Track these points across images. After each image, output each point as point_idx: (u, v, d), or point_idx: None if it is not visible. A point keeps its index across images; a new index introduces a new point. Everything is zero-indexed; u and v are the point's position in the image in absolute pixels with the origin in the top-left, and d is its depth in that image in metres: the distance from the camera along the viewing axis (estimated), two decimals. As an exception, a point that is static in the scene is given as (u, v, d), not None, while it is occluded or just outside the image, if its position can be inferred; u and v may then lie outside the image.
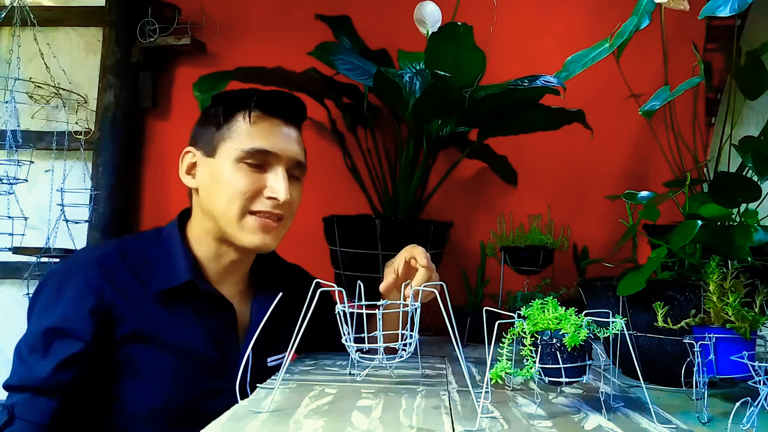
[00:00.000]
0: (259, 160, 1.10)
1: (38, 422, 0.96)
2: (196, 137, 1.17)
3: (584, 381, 0.80)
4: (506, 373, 0.76)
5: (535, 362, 0.79)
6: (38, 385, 0.97)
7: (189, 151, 1.16)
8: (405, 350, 0.96)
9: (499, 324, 0.80)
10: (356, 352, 0.96)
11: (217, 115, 1.13)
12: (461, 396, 0.91)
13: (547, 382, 0.80)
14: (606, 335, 0.80)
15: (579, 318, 0.81)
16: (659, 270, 1.06)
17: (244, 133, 1.11)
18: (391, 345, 0.98)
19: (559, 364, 0.78)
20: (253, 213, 1.11)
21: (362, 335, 0.99)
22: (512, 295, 1.52)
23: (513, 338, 0.80)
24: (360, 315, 0.99)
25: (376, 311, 0.98)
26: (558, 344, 0.78)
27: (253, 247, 1.13)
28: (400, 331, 0.97)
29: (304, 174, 1.20)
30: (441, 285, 0.98)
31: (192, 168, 1.16)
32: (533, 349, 0.80)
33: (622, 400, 0.90)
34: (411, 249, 1.18)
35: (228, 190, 1.09)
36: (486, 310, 0.83)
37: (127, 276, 1.07)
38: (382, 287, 1.18)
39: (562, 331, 0.78)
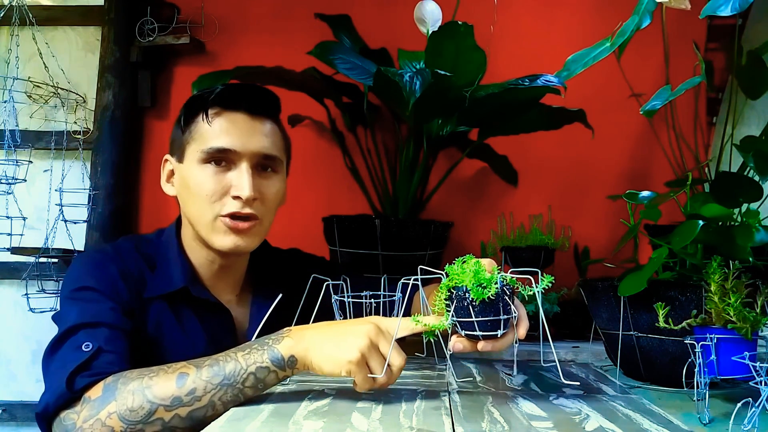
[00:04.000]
0: (220, 160, 1.06)
1: (122, 353, 0.94)
2: (171, 144, 1.15)
3: (499, 335, 0.82)
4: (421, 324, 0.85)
5: (450, 315, 0.82)
6: (112, 322, 0.97)
7: (167, 160, 1.15)
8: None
9: None
10: None
11: (180, 118, 1.11)
12: (461, 397, 0.91)
13: (464, 335, 0.83)
14: (530, 293, 0.82)
15: (494, 275, 0.81)
16: (660, 270, 1.06)
17: (205, 134, 1.07)
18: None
19: (470, 317, 0.80)
20: (223, 216, 1.06)
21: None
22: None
23: (446, 293, 0.83)
24: (356, 305, 1.00)
25: (371, 301, 1.02)
26: (470, 298, 0.80)
27: (226, 250, 1.08)
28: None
29: (282, 167, 1.14)
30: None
31: (171, 176, 1.15)
32: (448, 303, 0.83)
33: (623, 400, 0.89)
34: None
35: (196, 194, 1.06)
36: (420, 268, 0.87)
37: (136, 272, 1.08)
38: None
39: (465, 286, 0.81)
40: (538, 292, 0.82)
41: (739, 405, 0.73)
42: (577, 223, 1.72)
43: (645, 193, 1.06)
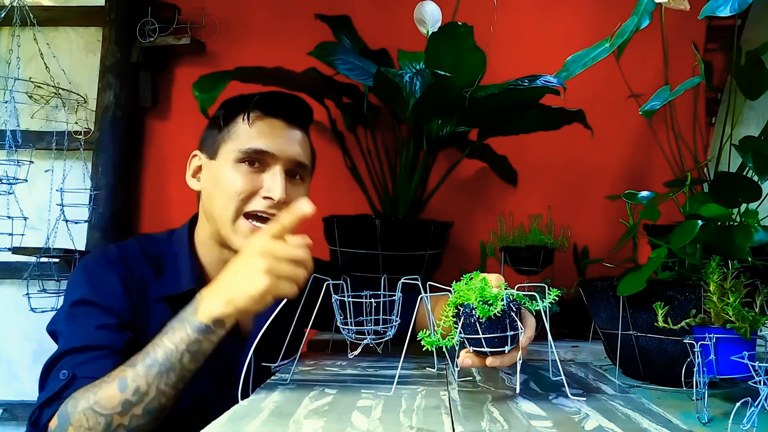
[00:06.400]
0: (256, 160, 1.10)
1: (99, 377, 0.95)
2: (202, 141, 1.18)
3: (507, 351, 0.82)
4: (430, 343, 0.82)
5: (457, 331, 0.82)
6: (101, 343, 0.99)
7: (195, 155, 1.18)
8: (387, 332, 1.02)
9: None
10: (352, 334, 1.01)
11: (219, 117, 1.15)
12: (461, 396, 0.91)
13: (472, 351, 0.83)
14: (536, 308, 0.83)
15: (500, 291, 0.82)
16: (659, 270, 1.06)
17: (243, 134, 1.11)
18: (377, 328, 1.02)
19: (478, 334, 0.80)
20: (248, 215, 1.09)
21: (361, 319, 1.03)
22: (512, 295, 1.52)
23: (453, 310, 0.83)
24: (356, 305, 1.02)
25: (371, 300, 1.03)
26: (477, 315, 0.80)
27: None
28: (384, 317, 1.02)
29: (308, 176, 1.19)
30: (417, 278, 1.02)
31: (198, 171, 1.17)
32: (455, 319, 0.83)
33: (622, 400, 0.90)
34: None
35: (225, 190, 1.09)
36: (429, 284, 0.88)
37: (142, 274, 1.09)
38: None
39: (471, 303, 0.81)
40: (545, 306, 0.82)
41: (738, 404, 0.73)
42: (577, 223, 1.72)
43: (644, 193, 1.06)
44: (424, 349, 0.84)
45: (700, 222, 0.95)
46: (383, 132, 1.79)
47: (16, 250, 1.81)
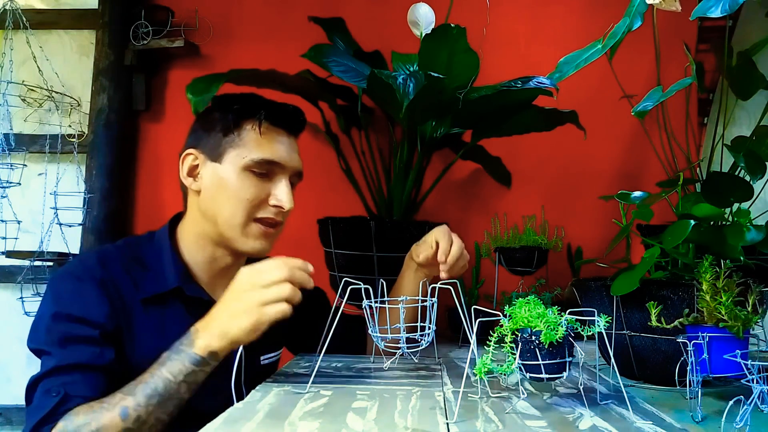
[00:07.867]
0: (265, 170, 1.13)
1: (92, 396, 0.98)
2: (199, 140, 1.17)
3: (564, 377, 0.81)
4: (488, 369, 0.79)
5: (515, 358, 0.81)
6: (88, 360, 1.00)
7: (191, 153, 1.16)
8: (423, 340, 1.04)
9: (488, 323, 0.82)
10: (381, 341, 1.05)
11: (224, 121, 1.15)
12: (456, 396, 0.91)
13: (528, 378, 0.82)
14: (590, 333, 0.83)
15: (558, 316, 0.82)
16: (653, 270, 1.07)
17: (253, 143, 1.13)
18: (411, 335, 1.05)
19: (537, 360, 0.80)
20: (257, 220, 1.13)
21: (385, 327, 1.07)
22: (507, 295, 1.52)
23: (498, 336, 0.83)
24: (380, 310, 1.04)
25: (399, 306, 1.06)
26: (536, 341, 0.80)
27: (252, 253, 1.15)
28: (419, 324, 1.04)
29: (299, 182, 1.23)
30: (455, 282, 1.07)
31: (194, 170, 1.16)
32: (513, 346, 0.82)
33: (616, 399, 0.90)
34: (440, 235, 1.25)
35: (235, 196, 1.12)
36: (474, 308, 0.85)
37: (124, 275, 1.09)
38: (421, 259, 1.27)
39: (537, 329, 0.80)
40: (599, 327, 0.82)
41: (731, 403, 0.73)
42: (570, 223, 1.73)
43: (637, 194, 1.07)
44: (475, 378, 0.82)
45: (692, 222, 0.96)
46: (377, 133, 1.80)
47: (9, 254, 1.80)
